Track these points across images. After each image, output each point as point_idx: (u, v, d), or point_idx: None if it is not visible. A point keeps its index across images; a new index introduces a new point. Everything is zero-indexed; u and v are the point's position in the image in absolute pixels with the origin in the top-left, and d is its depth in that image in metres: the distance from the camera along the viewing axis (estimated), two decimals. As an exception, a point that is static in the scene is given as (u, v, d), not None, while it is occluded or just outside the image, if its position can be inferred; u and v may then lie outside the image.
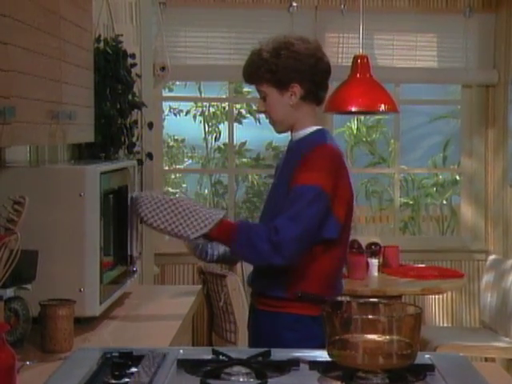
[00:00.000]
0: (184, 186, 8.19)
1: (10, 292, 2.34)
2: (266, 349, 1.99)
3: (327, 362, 1.87)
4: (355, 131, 8.40)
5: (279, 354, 1.98)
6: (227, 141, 6.16)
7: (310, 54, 2.61)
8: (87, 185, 2.55)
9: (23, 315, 2.36)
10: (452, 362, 1.98)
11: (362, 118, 8.14)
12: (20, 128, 2.17)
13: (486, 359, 5.25)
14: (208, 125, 8.00)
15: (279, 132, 2.70)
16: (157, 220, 2.48)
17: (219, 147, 7.89)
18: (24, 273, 2.37)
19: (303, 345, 2.38)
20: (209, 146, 8.01)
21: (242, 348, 2.10)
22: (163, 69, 5.21)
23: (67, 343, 2.34)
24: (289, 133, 2.71)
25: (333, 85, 5.34)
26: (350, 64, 4.92)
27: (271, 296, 2.61)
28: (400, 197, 6.16)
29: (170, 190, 7.86)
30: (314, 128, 2.67)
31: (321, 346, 2.48)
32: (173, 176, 8.05)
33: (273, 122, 2.67)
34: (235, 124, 6.12)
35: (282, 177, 2.65)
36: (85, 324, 2.59)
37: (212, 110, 8.04)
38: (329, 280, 2.62)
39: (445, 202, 8.10)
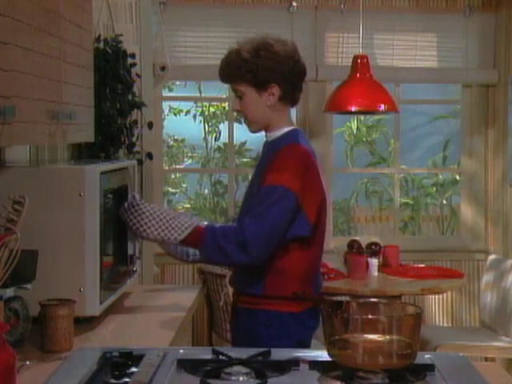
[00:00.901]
0: (184, 185, 8.18)
1: (9, 292, 2.34)
2: (265, 349, 1.99)
3: (327, 362, 1.87)
4: (355, 131, 8.40)
5: (279, 354, 1.98)
6: (227, 141, 6.16)
7: (288, 56, 2.65)
8: (87, 185, 2.55)
9: (23, 315, 2.36)
10: (452, 361, 1.98)
11: (362, 117, 8.13)
12: (20, 128, 2.17)
13: (486, 359, 5.25)
14: (208, 125, 8.00)
15: (253, 131, 2.72)
16: (143, 226, 2.54)
17: (219, 147, 7.89)
18: (24, 273, 2.37)
19: (279, 342, 2.42)
20: (209, 145, 8.00)
21: (241, 348, 2.10)
22: (163, 69, 5.21)
23: (67, 343, 2.34)
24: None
25: (333, 85, 5.37)
26: (349, 64, 4.92)
27: (249, 293, 2.64)
28: (400, 197, 6.16)
29: (170, 189, 7.86)
30: (289, 128, 2.69)
31: (297, 344, 2.51)
32: (173, 176, 8.05)
33: (248, 122, 2.70)
34: (235, 124, 6.11)
35: (255, 177, 2.69)
36: (85, 324, 2.59)
37: (212, 109, 8.03)
38: (306, 277, 2.65)
39: (445, 201, 8.10)
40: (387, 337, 1.82)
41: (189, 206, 7.94)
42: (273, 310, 2.60)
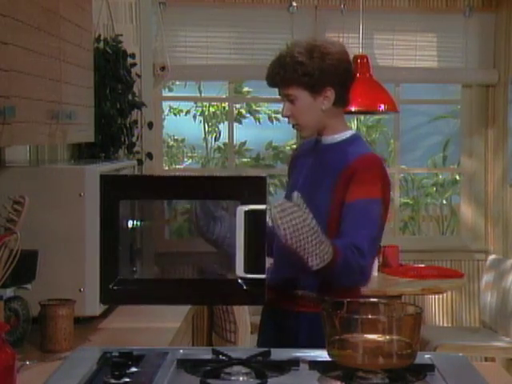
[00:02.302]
0: (184, 185, 8.18)
1: (9, 292, 2.35)
2: (265, 349, 1.99)
3: (327, 362, 1.87)
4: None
5: (279, 354, 1.98)
6: (227, 141, 6.17)
7: (342, 58, 2.58)
8: (87, 185, 2.55)
9: (23, 315, 2.36)
10: (452, 361, 1.98)
11: (362, 117, 8.14)
12: (20, 128, 2.17)
13: (486, 359, 5.25)
14: (208, 125, 8.00)
15: (306, 137, 2.65)
16: (293, 239, 2.30)
17: (219, 147, 7.90)
18: (24, 273, 2.37)
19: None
20: (209, 145, 8.01)
21: (241, 348, 2.10)
22: (163, 69, 5.21)
23: (67, 343, 2.34)
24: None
25: (333, 85, 5.37)
26: (349, 64, 4.92)
27: (316, 297, 2.53)
28: (400, 197, 6.16)
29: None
30: (349, 132, 2.64)
31: None
32: (173, 176, 8.05)
33: (300, 127, 2.60)
34: (235, 124, 6.12)
35: (320, 179, 2.57)
36: (85, 324, 2.59)
37: (212, 109, 8.04)
38: None
39: (445, 201, 8.10)
40: (387, 337, 1.82)
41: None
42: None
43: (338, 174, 2.51)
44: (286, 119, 2.62)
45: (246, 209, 2.33)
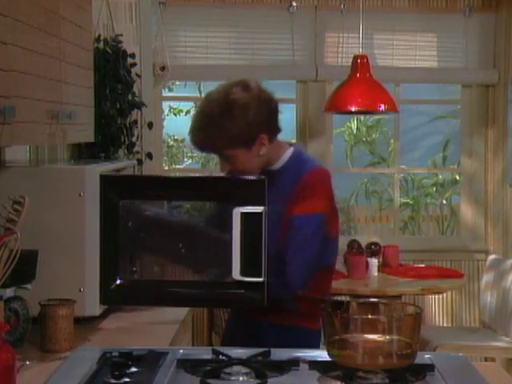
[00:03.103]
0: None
1: (9, 292, 2.35)
2: (265, 349, 1.99)
3: (327, 362, 1.87)
4: (355, 131, 8.40)
5: (279, 354, 1.98)
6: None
7: (261, 100, 2.53)
8: (87, 185, 2.55)
9: (23, 315, 2.36)
10: (452, 361, 1.98)
11: (362, 117, 8.14)
12: (20, 128, 2.17)
13: (486, 359, 5.25)
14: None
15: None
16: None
17: (219, 147, 7.88)
18: (24, 273, 2.37)
19: None
20: (209, 145, 7.99)
21: (241, 348, 2.10)
22: (163, 69, 5.21)
23: (67, 343, 2.34)
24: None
25: (333, 85, 5.37)
26: (349, 64, 4.92)
27: (283, 309, 2.57)
28: (400, 197, 6.16)
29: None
30: (290, 151, 2.62)
31: None
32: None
33: (244, 174, 2.55)
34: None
35: (271, 202, 2.50)
36: (85, 324, 2.59)
37: (212, 109, 8.02)
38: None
39: (445, 201, 8.10)
40: (387, 337, 1.82)
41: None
42: (302, 327, 2.57)
43: (289, 194, 2.52)
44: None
45: (243, 211, 2.33)
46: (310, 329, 2.59)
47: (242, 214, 2.32)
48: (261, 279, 2.35)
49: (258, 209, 2.31)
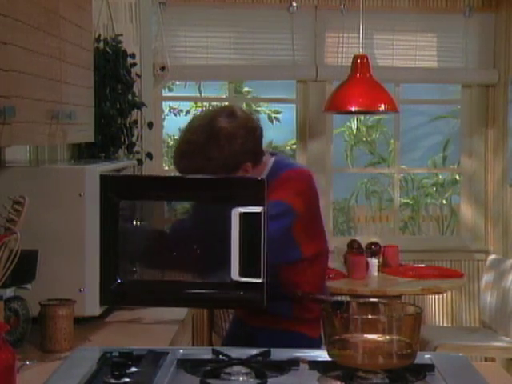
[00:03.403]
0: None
1: (9, 292, 2.35)
2: (265, 349, 1.99)
3: (327, 362, 1.87)
4: (355, 131, 8.41)
5: (279, 354, 1.98)
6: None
7: (247, 129, 2.52)
8: (87, 185, 2.55)
9: (23, 315, 2.36)
10: (452, 361, 1.98)
11: (362, 117, 8.14)
12: (20, 128, 2.17)
13: (486, 359, 5.25)
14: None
15: None
16: None
17: (219, 147, 7.88)
18: (24, 273, 2.37)
19: None
20: (209, 145, 7.99)
21: (241, 348, 2.10)
22: (163, 69, 5.21)
23: (67, 343, 2.34)
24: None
25: (333, 85, 5.37)
26: (349, 64, 4.92)
27: (276, 314, 2.57)
28: (400, 197, 6.16)
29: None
30: (270, 161, 2.61)
31: None
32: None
33: None
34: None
35: None
36: (85, 324, 2.59)
37: (212, 109, 8.03)
38: (321, 289, 2.63)
39: (445, 201, 8.10)
40: (387, 337, 1.82)
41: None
42: (294, 332, 2.56)
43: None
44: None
45: (242, 211, 2.32)
46: (308, 336, 2.57)
47: (241, 214, 2.32)
48: (260, 280, 2.35)
49: (257, 209, 2.31)
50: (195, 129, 2.54)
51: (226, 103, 6.06)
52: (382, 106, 4.80)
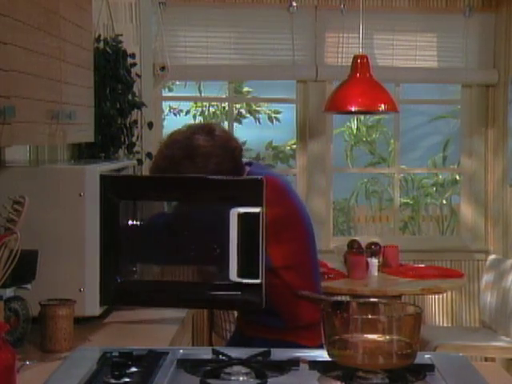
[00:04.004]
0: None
1: (9, 292, 2.35)
2: (265, 349, 1.99)
3: (327, 362, 1.87)
4: (355, 131, 8.41)
5: (279, 354, 1.98)
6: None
7: (225, 148, 2.52)
8: (87, 185, 2.55)
9: (23, 315, 2.36)
10: (452, 361, 1.98)
11: (362, 117, 8.14)
12: (20, 128, 2.17)
13: (486, 359, 5.25)
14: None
15: None
16: None
17: (219, 147, 7.88)
18: (24, 273, 2.37)
19: None
20: (209, 145, 7.99)
21: (241, 348, 2.10)
22: (163, 69, 5.21)
23: (67, 343, 2.34)
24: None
25: (333, 85, 5.37)
26: (349, 64, 4.92)
27: (269, 325, 2.58)
28: (400, 197, 6.16)
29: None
30: (246, 171, 2.61)
31: None
32: (173, 176, 8.05)
33: None
34: (235, 124, 6.11)
35: None
36: (85, 324, 2.59)
37: (212, 109, 8.04)
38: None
39: (445, 201, 8.10)
40: (387, 337, 1.82)
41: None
42: (288, 341, 2.54)
43: None
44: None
45: (240, 211, 2.32)
46: (302, 345, 2.56)
47: (240, 214, 2.31)
48: (258, 281, 2.35)
49: (256, 209, 2.31)
50: (173, 145, 2.54)
51: (226, 103, 6.07)
52: (382, 106, 4.80)
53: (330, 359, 1.86)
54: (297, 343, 2.53)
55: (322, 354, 1.91)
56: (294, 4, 5.44)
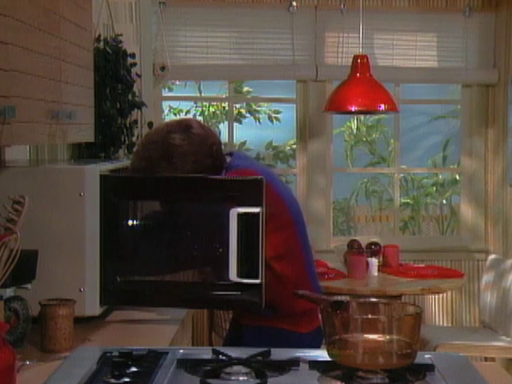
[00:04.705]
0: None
1: (9, 292, 2.35)
2: (265, 348, 1.99)
3: (327, 362, 1.87)
4: (355, 131, 8.41)
5: (279, 354, 1.98)
6: (227, 140, 6.17)
7: (203, 144, 2.50)
8: (87, 185, 2.55)
9: (23, 315, 2.36)
10: (452, 361, 1.98)
11: (362, 117, 8.14)
12: (20, 128, 2.17)
13: (486, 359, 5.25)
14: (208, 124, 8.00)
15: None
16: None
17: (219, 147, 7.88)
18: (24, 273, 2.37)
19: None
20: (209, 145, 7.99)
21: (241, 348, 2.10)
22: (163, 68, 5.21)
23: (67, 343, 2.34)
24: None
25: (333, 85, 5.37)
26: (349, 64, 4.92)
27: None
28: (400, 196, 6.16)
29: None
30: (228, 159, 2.60)
31: None
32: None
33: None
34: (235, 124, 6.11)
35: None
36: (85, 324, 2.59)
37: (212, 109, 8.03)
38: (303, 286, 2.55)
39: (445, 201, 8.10)
40: (387, 337, 1.82)
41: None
42: (281, 329, 2.56)
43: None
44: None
45: (240, 211, 2.32)
46: (293, 331, 2.56)
47: (239, 214, 2.31)
48: (258, 281, 2.35)
49: (256, 209, 2.31)
50: (149, 145, 2.53)
51: (226, 103, 6.07)
52: (382, 105, 4.80)
53: (330, 359, 1.86)
54: (290, 330, 2.53)
55: (322, 354, 1.91)
56: (294, 4, 5.44)
